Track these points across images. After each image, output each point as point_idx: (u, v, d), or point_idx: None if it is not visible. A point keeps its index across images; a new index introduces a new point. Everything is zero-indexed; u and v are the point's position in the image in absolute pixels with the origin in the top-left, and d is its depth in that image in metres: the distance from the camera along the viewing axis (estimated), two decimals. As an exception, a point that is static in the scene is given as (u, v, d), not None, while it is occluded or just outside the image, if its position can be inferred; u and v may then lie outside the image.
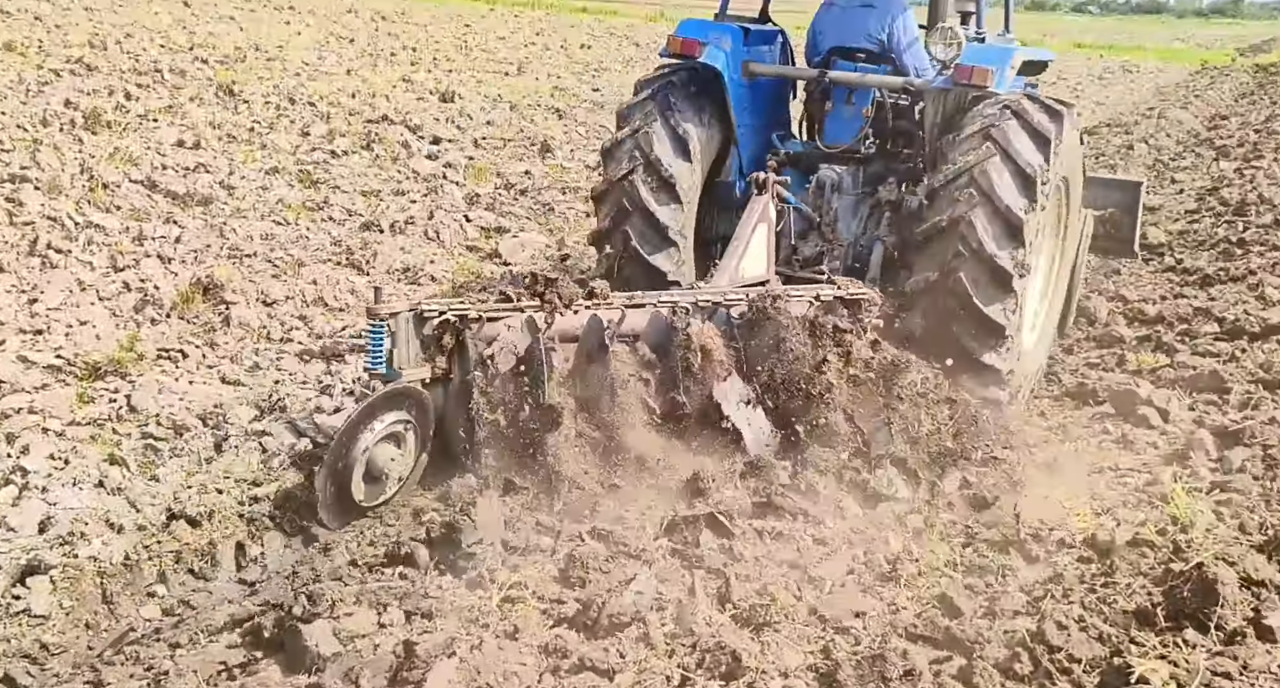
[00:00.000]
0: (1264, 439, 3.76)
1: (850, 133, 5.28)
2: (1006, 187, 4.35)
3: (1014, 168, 4.37)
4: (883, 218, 5.19)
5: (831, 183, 5.30)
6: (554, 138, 10.92)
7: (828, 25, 5.42)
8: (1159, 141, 14.26)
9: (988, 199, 4.35)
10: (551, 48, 22.57)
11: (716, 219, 5.34)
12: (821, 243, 5.27)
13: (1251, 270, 6.89)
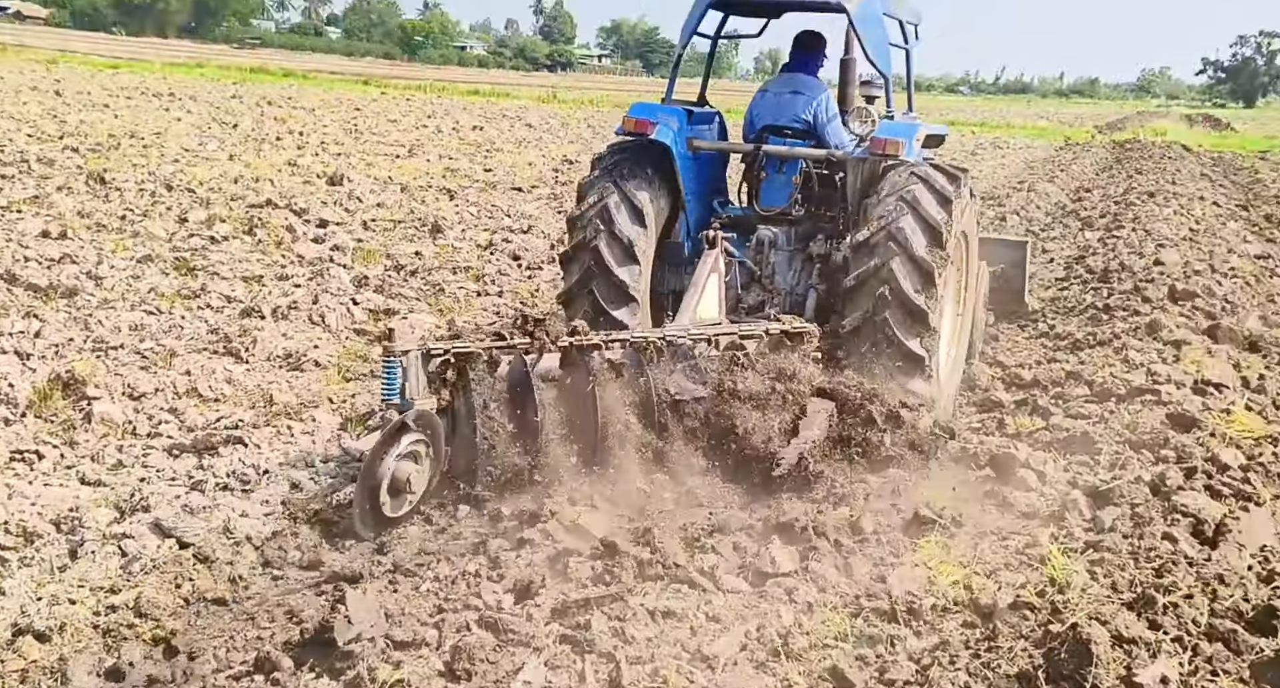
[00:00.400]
0: (1131, 498, 3.88)
1: (783, 198, 6.09)
2: (919, 240, 5.13)
3: (924, 224, 5.15)
4: (814, 269, 5.98)
5: (769, 240, 6.03)
6: (445, 218, 10.91)
7: (762, 108, 6.22)
8: (1030, 213, 15.03)
9: (904, 251, 5.11)
10: (444, 130, 22.70)
11: (667, 276, 6.05)
12: (762, 293, 6.00)
13: (1116, 334, 7.24)
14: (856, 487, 4.48)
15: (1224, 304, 8.09)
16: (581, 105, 40.73)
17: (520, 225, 11.09)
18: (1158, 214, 13.86)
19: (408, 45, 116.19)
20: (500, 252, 9.63)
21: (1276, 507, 3.64)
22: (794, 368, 4.71)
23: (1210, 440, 4.44)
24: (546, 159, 18.56)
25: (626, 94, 58.65)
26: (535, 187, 14.59)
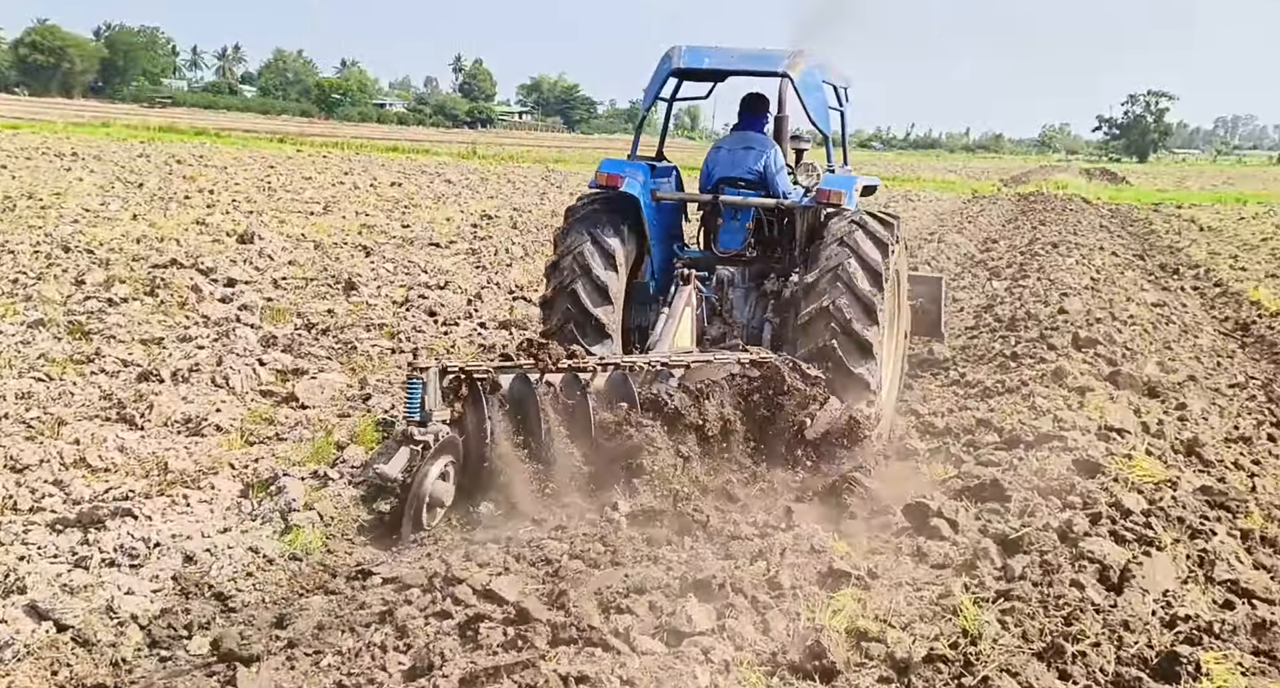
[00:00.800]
0: (1040, 545, 3.91)
1: (738, 241, 6.84)
2: (861, 280, 5.84)
3: (864, 266, 5.87)
4: (768, 304, 6.71)
5: (727, 279, 6.77)
6: (360, 275, 10.73)
7: (717, 162, 6.94)
8: (940, 263, 15.44)
9: (850, 290, 5.83)
10: (361, 186, 22.50)
11: (635, 312, 6.71)
12: (723, 325, 6.62)
13: (1024, 382, 7.40)
14: (773, 540, 4.45)
15: (1124, 351, 8.36)
16: (502, 161, 40.85)
17: (437, 281, 10.97)
18: (1061, 264, 14.37)
19: (325, 103, 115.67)
20: (416, 308, 9.49)
21: (1177, 551, 3.70)
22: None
23: (1114, 486, 4.52)
24: (465, 215, 18.50)
25: (547, 149, 59.20)
26: (453, 242, 14.49)
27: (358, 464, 5.34)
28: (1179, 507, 4.15)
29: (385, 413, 6.17)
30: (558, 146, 69.24)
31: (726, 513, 4.90)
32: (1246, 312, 12.04)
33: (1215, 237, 21.76)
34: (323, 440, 5.65)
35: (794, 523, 4.71)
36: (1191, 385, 7.60)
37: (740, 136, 6.96)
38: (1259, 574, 3.61)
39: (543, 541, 4.51)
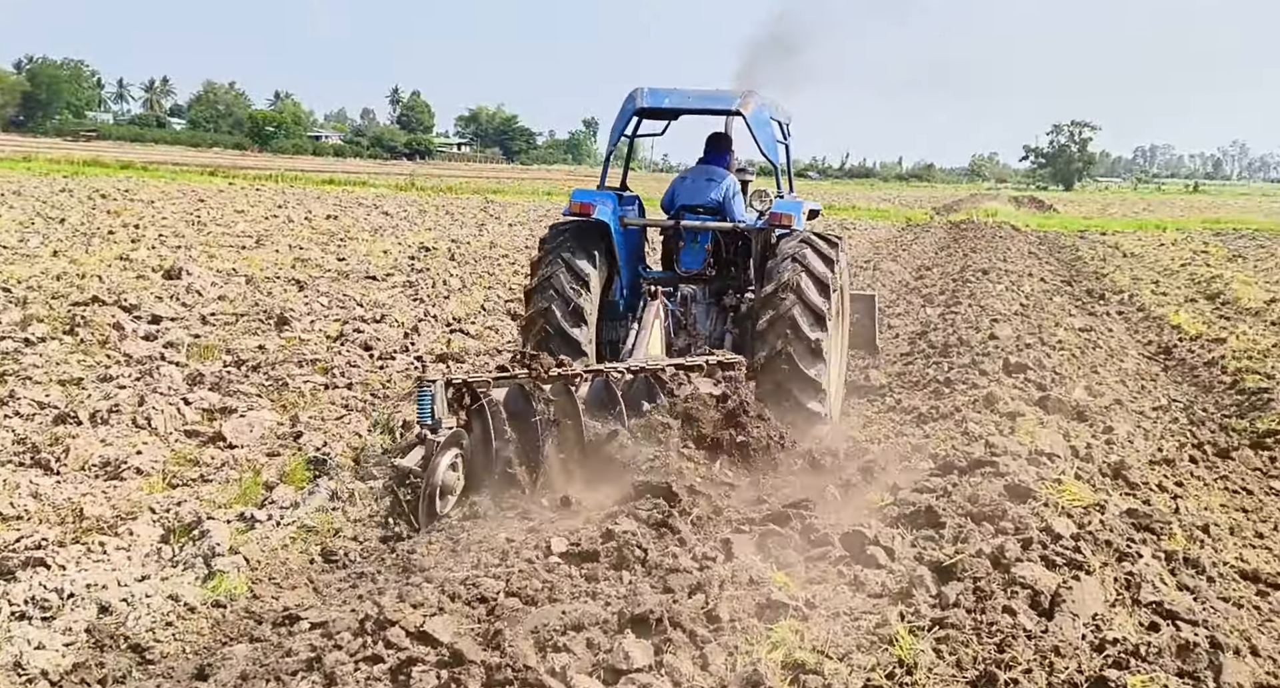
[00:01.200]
0: (974, 572, 3.94)
1: (699, 261, 7.52)
2: (812, 292, 6.56)
3: (814, 279, 6.61)
4: (728, 317, 7.49)
5: (690, 296, 7.50)
6: (293, 310, 10.54)
7: (679, 190, 7.71)
8: (876, 290, 15.69)
9: (802, 300, 6.52)
10: (295, 219, 22.19)
11: (606, 328, 7.32)
12: (687, 337, 7.29)
13: (957, 407, 7.51)
14: (712, 573, 4.41)
15: (1053, 375, 8.54)
16: (440, 192, 40.66)
17: (373, 315, 10.82)
18: (991, 290, 14.68)
19: (258, 135, 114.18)
20: (351, 342, 9.34)
21: (1105, 575, 3.75)
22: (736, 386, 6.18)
23: (1044, 510, 4.58)
24: (403, 247, 18.33)
25: (486, 181, 59.09)
26: (390, 275, 14.34)
27: (287, 505, 5.21)
28: (1107, 530, 4.22)
29: (317, 450, 6.02)
30: (497, 177, 69.19)
31: (665, 545, 4.87)
32: (1168, 336, 12.41)
33: (1138, 262, 22.44)
34: (250, 481, 5.50)
35: (733, 554, 4.69)
36: (1118, 409, 7.78)
37: (703, 169, 7.76)
38: (1182, 595, 3.67)
39: (479, 578, 4.43)
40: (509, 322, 11.22)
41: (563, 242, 6.98)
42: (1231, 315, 13.82)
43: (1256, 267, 21.40)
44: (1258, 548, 4.75)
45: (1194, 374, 10.32)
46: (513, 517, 5.52)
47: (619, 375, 6.02)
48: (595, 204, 7.06)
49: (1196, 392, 9.58)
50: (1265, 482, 6.47)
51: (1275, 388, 8.75)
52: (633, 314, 7.23)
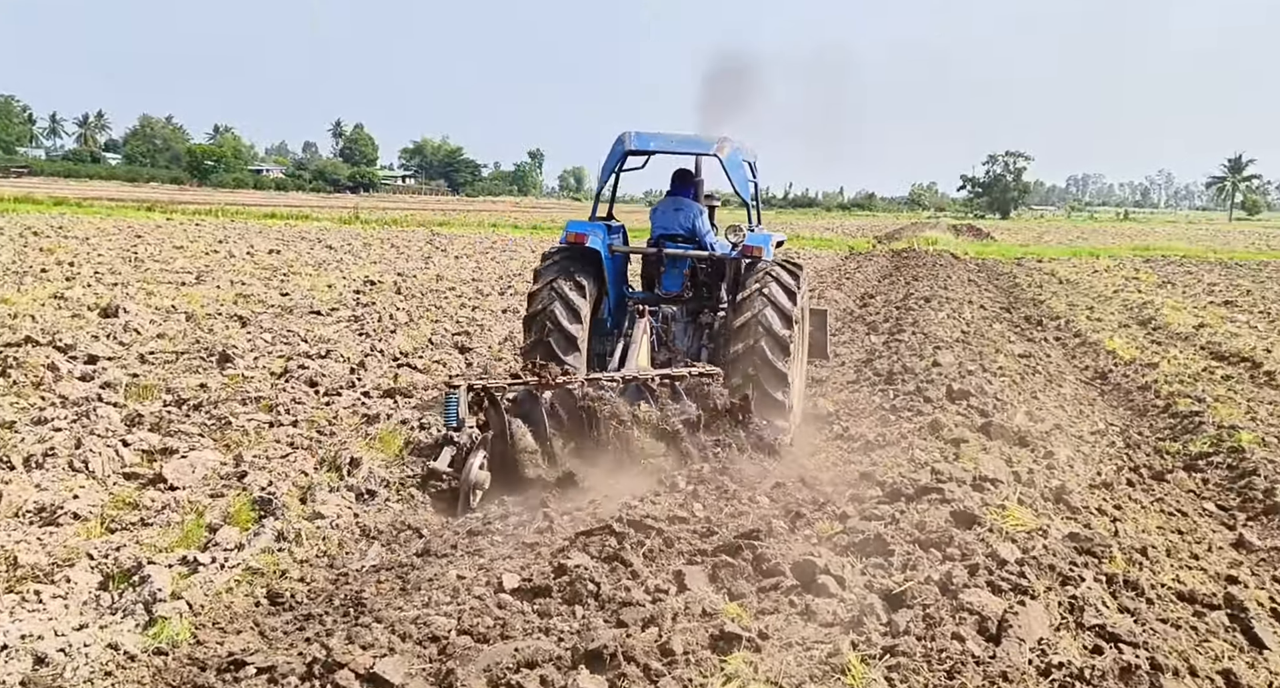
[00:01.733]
0: (923, 599, 3.99)
1: (678, 285, 8.52)
2: (777, 324, 7.46)
3: (779, 312, 7.48)
4: (703, 334, 8.40)
5: (670, 315, 8.42)
6: (235, 346, 10.35)
7: (659, 220, 8.59)
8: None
9: (769, 333, 7.44)
10: (236, 254, 21.87)
11: (594, 342, 8.13)
12: (668, 352, 8.14)
13: (903, 434, 7.61)
14: (665, 605, 4.41)
15: (995, 401, 8.70)
16: (385, 225, 40.40)
17: (318, 350, 10.67)
18: (934, 318, 14.95)
19: (197, 170, 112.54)
20: (296, 379, 9.20)
21: (1049, 599, 3.82)
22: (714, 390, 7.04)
23: (989, 536, 4.66)
24: (348, 281, 18.16)
25: (431, 213, 58.85)
26: (335, 309, 14.18)
27: (231, 546, 5.10)
28: (1050, 555, 4.30)
29: (262, 490, 5.91)
30: (442, 210, 68.95)
31: (618, 579, 4.86)
32: (1104, 361, 12.74)
33: (1073, 289, 23.03)
34: (193, 523, 5.37)
35: (686, 586, 4.69)
36: (1058, 434, 7.95)
37: (672, 200, 8.70)
38: (1123, 618, 3.76)
39: (429, 617, 4.38)
40: (457, 355, 11.15)
41: (559, 269, 7.86)
42: (1163, 340, 14.24)
43: (1185, 292, 22.10)
44: (1193, 569, 4.87)
45: (1129, 398, 10.59)
46: (463, 554, 5.48)
47: (616, 383, 6.92)
48: (587, 234, 7.97)
49: (1132, 416, 9.84)
50: (1198, 503, 6.65)
51: (1206, 411, 9.02)
52: (618, 330, 8.26)
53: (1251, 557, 5.70)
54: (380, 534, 5.94)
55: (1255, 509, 6.59)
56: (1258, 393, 10.27)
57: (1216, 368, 11.66)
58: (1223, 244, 50.20)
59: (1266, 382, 10.88)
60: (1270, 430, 8.39)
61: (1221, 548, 5.70)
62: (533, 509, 6.12)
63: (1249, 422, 8.67)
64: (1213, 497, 6.96)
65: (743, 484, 6.41)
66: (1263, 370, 11.38)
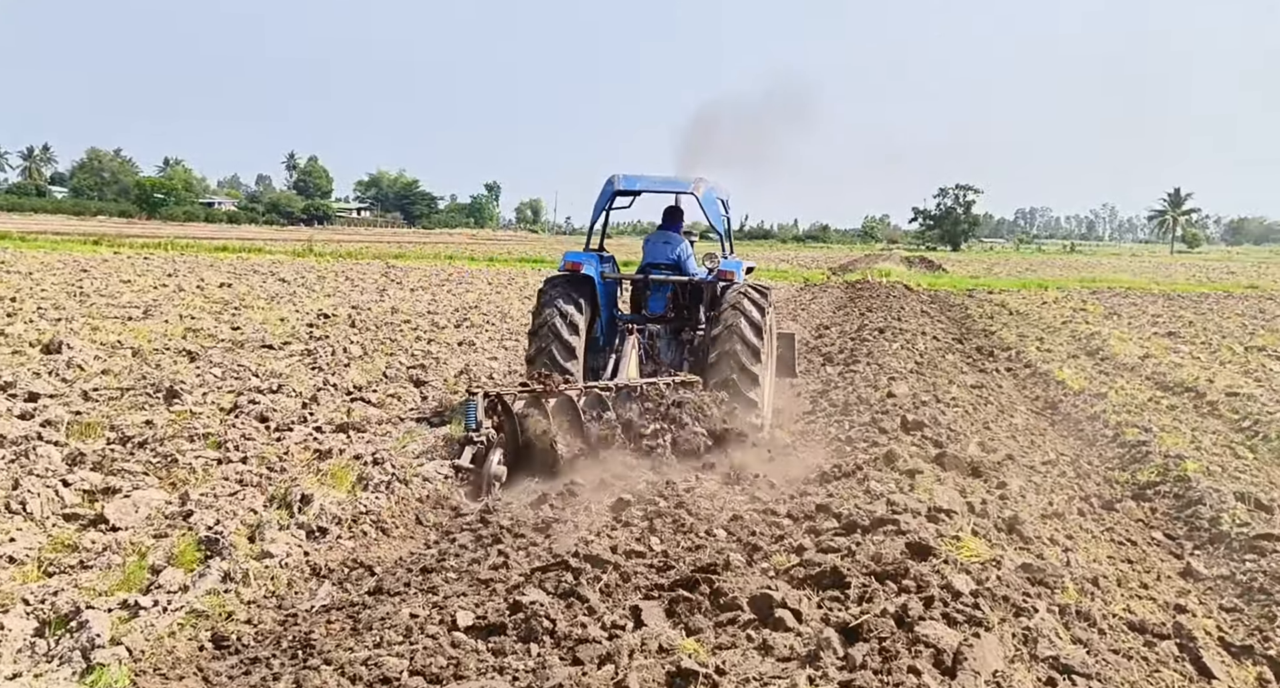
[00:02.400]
0: (879, 632, 3.98)
1: (662, 306, 9.77)
2: (750, 334, 8.58)
3: (750, 323, 8.62)
4: (684, 350, 9.53)
5: (655, 333, 9.59)
6: (184, 382, 10.15)
7: (647, 251, 9.94)
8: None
9: (743, 340, 8.52)
10: (186, 288, 21.53)
11: (589, 358, 9.13)
12: (654, 365, 9.24)
13: (859, 466, 7.63)
14: (621, 642, 4.36)
15: (949, 432, 8.78)
16: (340, 258, 40.08)
17: (269, 385, 10.50)
18: (888, 349, 15.11)
19: (147, 203, 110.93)
20: (246, 414, 9.03)
21: (1003, 631, 3.83)
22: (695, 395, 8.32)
23: (945, 568, 4.67)
24: (301, 314, 17.94)
25: (386, 245, 58.49)
26: (288, 343, 13.98)
27: (175, 589, 4.95)
28: (1004, 586, 4.32)
29: (209, 529, 5.77)
30: (398, 242, 68.60)
31: (574, 615, 4.80)
32: (1054, 391, 12.94)
33: (1023, 320, 23.43)
34: (135, 565, 5.22)
35: (643, 622, 4.64)
36: (1010, 464, 8.03)
37: (661, 234, 9.98)
38: (1076, 649, 3.78)
39: (381, 658, 4.29)
40: (412, 389, 11.03)
41: (557, 293, 8.91)
42: (1110, 371, 14.51)
43: (1130, 324, 22.58)
44: (1143, 598, 4.93)
45: (1079, 428, 10.75)
46: (416, 592, 5.39)
47: (609, 391, 8.16)
48: (582, 262, 9.15)
49: (1082, 445, 9.98)
50: (1147, 532, 6.75)
51: (1152, 441, 9.18)
52: (609, 347, 9.31)
53: (1199, 585, 5.78)
54: (331, 573, 5.83)
55: (1201, 538, 6.70)
56: (1201, 422, 10.49)
57: (1162, 398, 11.90)
58: (1165, 276, 51.50)
59: (1209, 411, 11.12)
60: (1214, 459, 8.56)
61: (1170, 577, 5.78)
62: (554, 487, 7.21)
63: (1194, 451, 8.85)
64: (1161, 526, 7.07)
65: (700, 517, 6.39)
66: (1205, 400, 11.63)
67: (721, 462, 7.73)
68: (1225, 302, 30.68)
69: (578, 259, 9.19)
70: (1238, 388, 12.19)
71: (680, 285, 9.67)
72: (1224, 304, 29.50)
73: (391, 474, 7.37)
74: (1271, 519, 6.74)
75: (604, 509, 6.68)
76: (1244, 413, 10.70)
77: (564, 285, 8.99)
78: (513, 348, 14.95)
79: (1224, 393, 11.83)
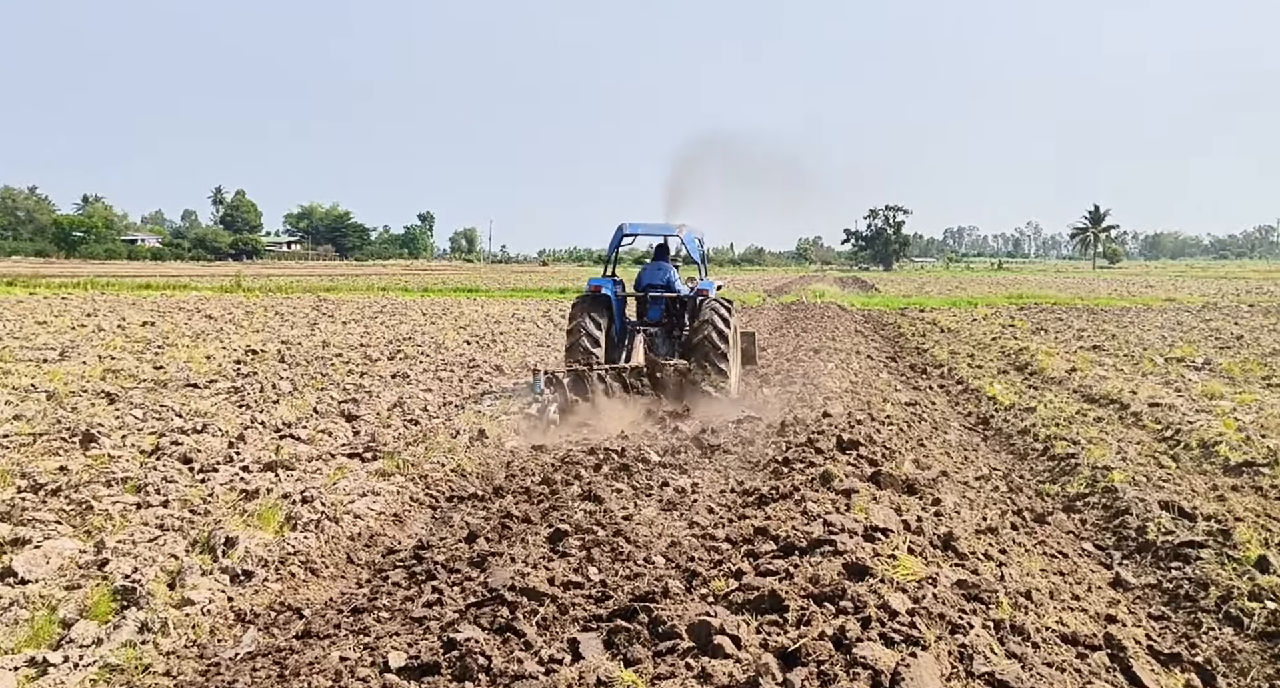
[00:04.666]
0: (817, 655, 3.95)
1: (659, 314, 13.33)
2: (719, 332, 12.10)
3: (720, 327, 12.11)
4: (675, 344, 13.01)
5: (654, 333, 13.03)
6: (102, 425, 9.80)
7: (646, 276, 13.59)
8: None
9: (715, 330, 12.08)
10: (106, 328, 20.91)
11: (609, 351, 12.69)
12: (654, 355, 12.46)
13: (796, 487, 7.62)
14: (558, 676, 4.26)
15: (884, 450, 8.83)
16: (269, 292, 39.35)
17: (194, 425, 10.19)
18: (823, 368, 15.25)
19: (65, 242, 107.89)
20: (168, 456, 8.74)
21: (939, 649, 3.82)
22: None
23: (881, 587, 4.65)
24: (228, 351, 17.52)
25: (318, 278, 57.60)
26: (214, 381, 13.62)
27: (88, 642, 4.72)
28: (940, 604, 4.32)
29: (126, 578, 5.52)
30: (330, 275, 67.61)
31: (511, 650, 4.69)
32: (985, 407, 13.15)
33: (954, 337, 23.87)
34: (44, 619, 4.97)
35: (580, 654, 4.55)
36: (944, 480, 8.10)
37: (655, 264, 13.69)
38: (1011, 664, 3.79)
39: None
40: (344, 423, 10.80)
41: (587, 306, 12.63)
42: (1039, 385, 14.82)
43: (1056, 338, 23.14)
44: (1074, 610, 4.98)
45: (1010, 443, 10.93)
46: (346, 634, 5.22)
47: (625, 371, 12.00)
48: (602, 285, 12.76)
49: (1013, 459, 10.14)
50: (1078, 544, 6.84)
51: (1081, 453, 9.36)
52: (623, 344, 12.91)
53: (1128, 595, 5.87)
54: (257, 618, 5.62)
55: (1129, 547, 6.82)
56: (1126, 433, 10.73)
57: (1089, 410, 12.17)
58: (1088, 291, 53.04)
59: (1134, 422, 11.39)
60: (1139, 470, 8.75)
61: (1100, 587, 5.86)
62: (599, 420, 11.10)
63: (1120, 462, 9.03)
64: (1090, 536, 7.18)
65: (638, 545, 6.32)
66: (1130, 411, 11.92)
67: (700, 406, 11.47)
68: (1145, 315, 31.66)
69: (599, 283, 12.87)
70: (1159, 399, 12.53)
71: (670, 300, 13.33)
72: (1144, 317, 30.44)
73: (321, 512, 7.18)
74: (1194, 527, 6.89)
75: (541, 540, 6.58)
76: (1165, 423, 10.98)
77: (590, 301, 12.71)
78: (447, 379, 14.75)
79: (1146, 404, 12.14)
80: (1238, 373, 15.62)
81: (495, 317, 28.98)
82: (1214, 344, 20.84)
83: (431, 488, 8.63)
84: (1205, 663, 4.78)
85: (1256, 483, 8.34)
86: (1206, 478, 8.66)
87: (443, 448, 9.71)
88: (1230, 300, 40.49)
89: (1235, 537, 6.54)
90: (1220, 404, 12.14)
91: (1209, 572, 6.06)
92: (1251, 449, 9.31)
